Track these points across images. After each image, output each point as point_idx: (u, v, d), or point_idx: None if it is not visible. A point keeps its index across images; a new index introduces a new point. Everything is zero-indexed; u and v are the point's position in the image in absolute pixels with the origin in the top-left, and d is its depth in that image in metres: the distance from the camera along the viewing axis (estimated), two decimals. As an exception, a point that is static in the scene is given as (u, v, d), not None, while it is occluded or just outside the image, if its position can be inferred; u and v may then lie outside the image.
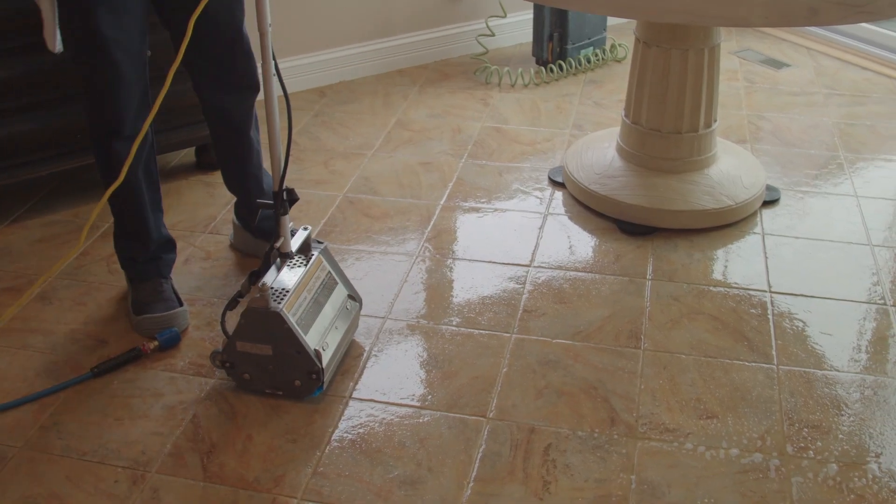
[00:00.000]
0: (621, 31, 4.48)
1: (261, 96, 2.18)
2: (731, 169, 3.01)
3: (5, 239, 2.93)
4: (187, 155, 3.35)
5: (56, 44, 2.30)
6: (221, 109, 2.56)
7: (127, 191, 2.39)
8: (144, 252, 2.57)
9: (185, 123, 3.07)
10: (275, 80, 2.14)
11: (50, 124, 2.94)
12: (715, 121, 2.98)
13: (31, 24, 2.77)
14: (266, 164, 2.76)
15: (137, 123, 2.36)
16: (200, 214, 3.01)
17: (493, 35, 4.26)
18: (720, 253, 2.79)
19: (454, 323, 2.49)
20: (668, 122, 2.92)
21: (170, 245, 2.62)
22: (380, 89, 3.98)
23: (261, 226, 2.73)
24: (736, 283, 2.64)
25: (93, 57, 2.28)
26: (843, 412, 2.17)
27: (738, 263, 2.74)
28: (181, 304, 2.52)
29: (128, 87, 2.33)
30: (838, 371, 2.30)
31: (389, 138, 3.52)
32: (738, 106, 3.75)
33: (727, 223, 2.90)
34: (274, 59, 2.13)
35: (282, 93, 2.14)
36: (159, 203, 2.59)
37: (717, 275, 2.68)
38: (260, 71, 2.13)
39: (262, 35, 2.10)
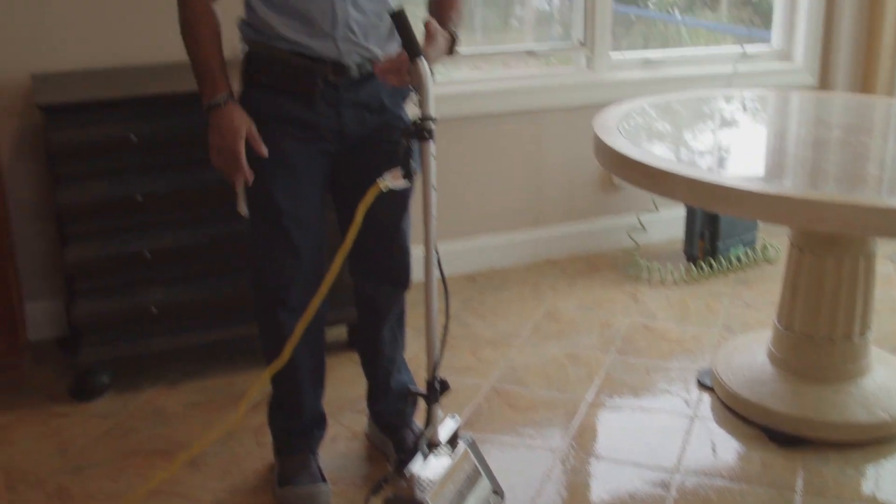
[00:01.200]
0: (773, 231, 4.46)
1: (420, 277, 2.25)
2: (886, 380, 2.94)
3: (160, 401, 3.04)
4: (340, 331, 3.43)
5: (246, 208, 2.45)
6: (368, 297, 2.64)
7: (288, 366, 2.44)
8: (297, 425, 2.62)
9: (342, 301, 3.15)
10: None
11: (211, 293, 3.09)
12: (869, 329, 2.93)
13: (195, 199, 2.97)
14: (419, 349, 2.81)
15: (304, 296, 2.41)
16: (349, 393, 3.07)
17: (644, 230, 4.31)
18: (875, 470, 2.69)
19: (596, 524, 2.46)
20: (822, 328, 2.88)
21: (322, 421, 2.67)
22: (530, 278, 4.04)
23: (386, 420, 2.77)
24: None
25: (267, 226, 2.41)
26: None
27: (894, 483, 2.64)
28: (325, 481, 2.56)
29: (299, 259, 2.43)
30: None
31: (538, 328, 3.56)
32: (893, 313, 3.68)
33: (883, 438, 2.81)
34: (436, 251, 2.21)
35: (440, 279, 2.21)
36: (321, 379, 2.64)
37: (872, 493, 2.59)
38: (421, 258, 2.21)
39: (427, 226, 2.19)
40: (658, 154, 2.77)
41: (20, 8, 3.23)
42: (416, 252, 2.29)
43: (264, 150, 2.32)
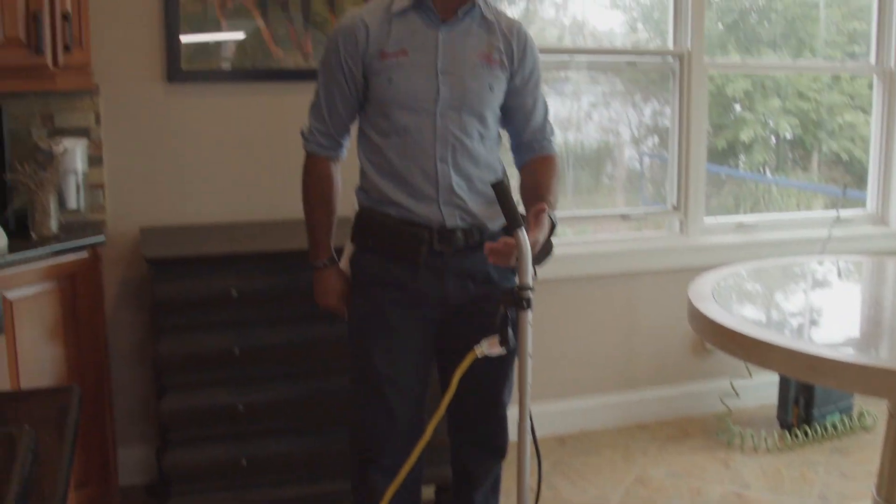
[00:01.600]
0: (869, 398, 4.36)
1: (512, 438, 2.25)
2: None
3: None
4: (429, 491, 3.39)
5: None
6: (465, 463, 2.64)
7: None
8: None
9: (433, 461, 3.11)
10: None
11: (301, 448, 3.11)
12: (976, 511, 2.82)
13: (290, 355, 3.02)
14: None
15: (398, 458, 2.40)
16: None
17: (737, 395, 4.24)
18: None
19: None
20: (925, 506, 2.78)
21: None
22: (620, 442, 3.98)
23: None
24: None
25: (365, 387, 2.44)
26: None
27: None
28: None
29: (394, 422, 2.44)
30: None
31: (627, 494, 3.49)
32: None
33: None
34: (531, 419, 2.21)
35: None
36: None
37: None
38: (513, 420, 2.21)
39: (522, 395, 2.20)
40: (751, 317, 2.75)
41: (132, 166, 3.39)
42: (509, 413, 2.30)
43: (344, 314, 2.53)
